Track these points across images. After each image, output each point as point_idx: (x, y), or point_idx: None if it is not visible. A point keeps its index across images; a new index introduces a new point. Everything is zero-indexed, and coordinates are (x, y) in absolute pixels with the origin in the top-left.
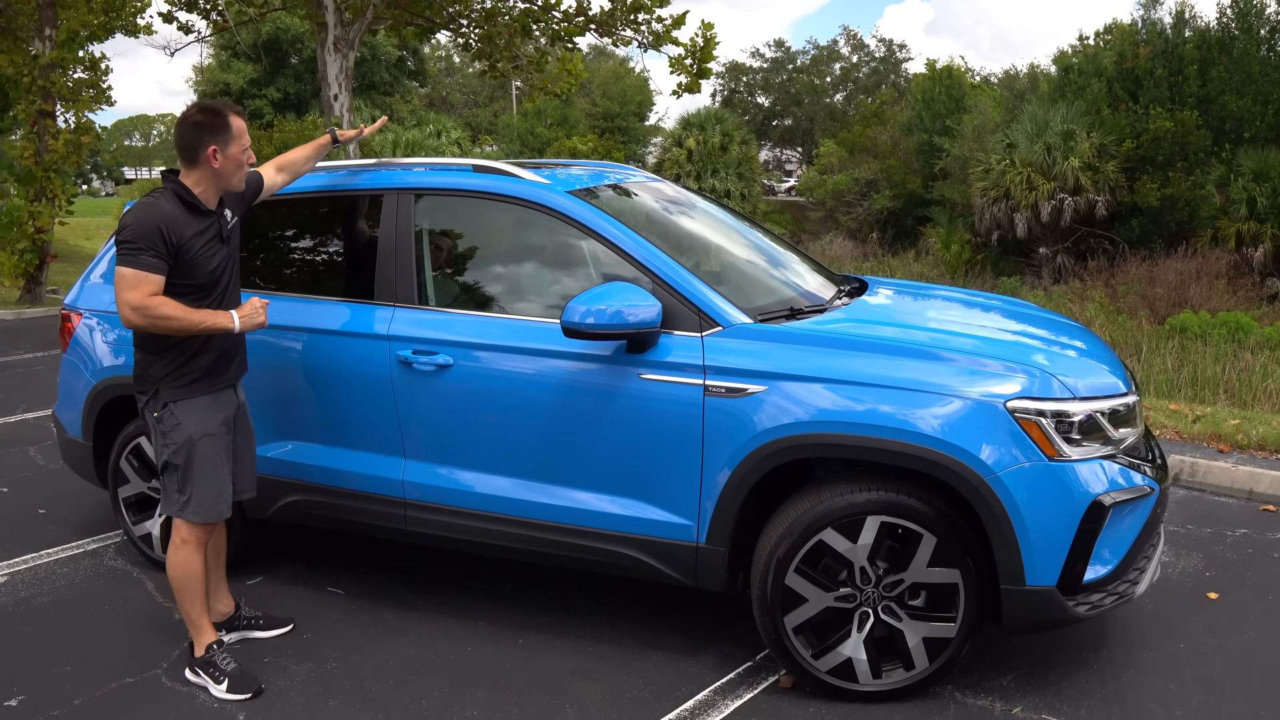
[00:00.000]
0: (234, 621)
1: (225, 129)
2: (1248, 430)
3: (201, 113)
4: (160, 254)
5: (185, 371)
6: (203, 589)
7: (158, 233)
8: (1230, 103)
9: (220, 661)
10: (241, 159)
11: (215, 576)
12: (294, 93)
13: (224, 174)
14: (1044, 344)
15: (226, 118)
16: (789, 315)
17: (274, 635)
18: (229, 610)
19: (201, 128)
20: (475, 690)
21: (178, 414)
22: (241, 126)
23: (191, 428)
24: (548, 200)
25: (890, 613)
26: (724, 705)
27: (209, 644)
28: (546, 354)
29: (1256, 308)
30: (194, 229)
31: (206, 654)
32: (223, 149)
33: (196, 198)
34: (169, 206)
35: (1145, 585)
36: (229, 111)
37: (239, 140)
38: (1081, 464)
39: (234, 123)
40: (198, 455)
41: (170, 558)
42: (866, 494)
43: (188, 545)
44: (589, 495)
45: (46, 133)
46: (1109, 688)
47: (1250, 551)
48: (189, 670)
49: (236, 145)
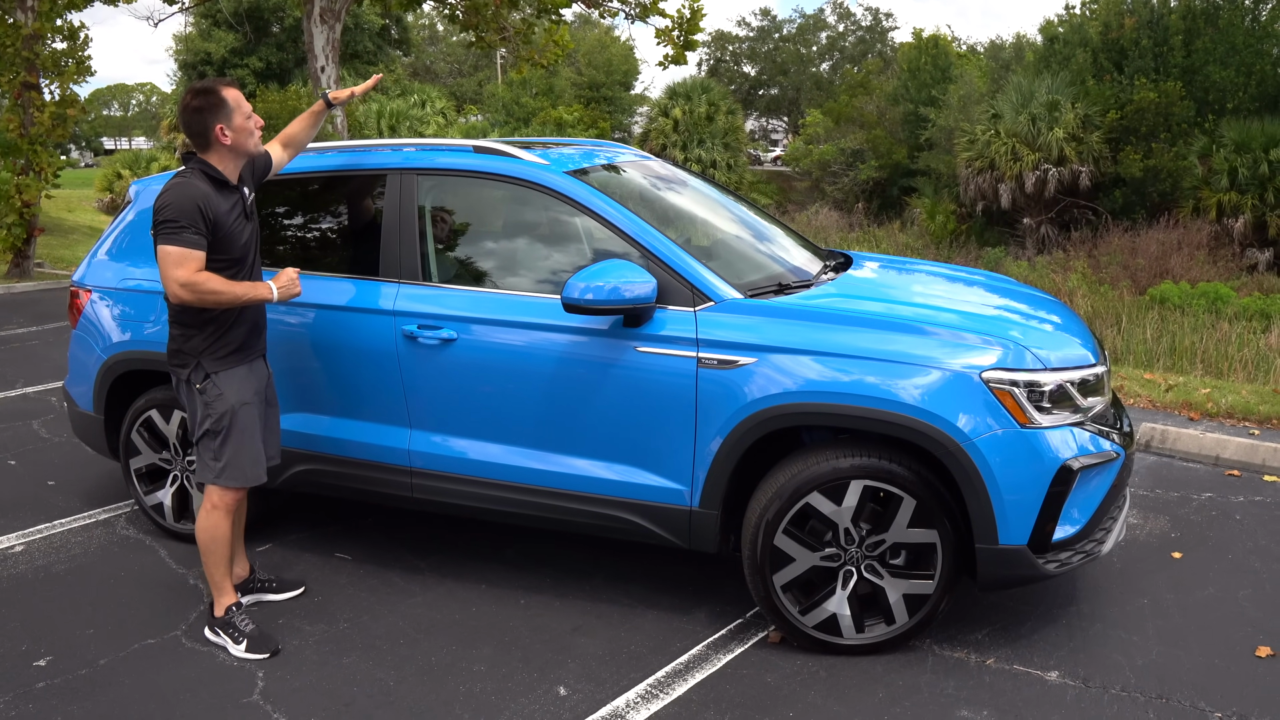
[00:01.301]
0: (249, 584)
1: (222, 105)
2: (1217, 399)
3: (197, 97)
4: (201, 231)
5: (224, 344)
6: (228, 553)
7: (197, 210)
8: (1214, 73)
9: (239, 622)
10: (249, 126)
11: (235, 542)
12: (276, 62)
13: (239, 146)
14: (1020, 318)
15: (220, 94)
16: (777, 290)
17: (286, 598)
18: (244, 574)
19: (202, 111)
20: (482, 647)
21: (220, 384)
22: (237, 96)
23: (233, 397)
24: (546, 180)
25: (872, 571)
26: (717, 659)
27: (229, 605)
28: (547, 328)
29: (1236, 278)
30: (225, 205)
31: (226, 615)
32: (228, 124)
33: (223, 174)
34: (202, 185)
35: (1111, 544)
36: (221, 87)
37: (239, 110)
38: (1051, 431)
39: (229, 95)
40: (238, 422)
41: (200, 521)
42: (850, 459)
43: (218, 510)
44: (588, 462)
45: (31, 105)
46: (1076, 640)
47: (1214, 514)
48: (209, 630)
49: (239, 115)
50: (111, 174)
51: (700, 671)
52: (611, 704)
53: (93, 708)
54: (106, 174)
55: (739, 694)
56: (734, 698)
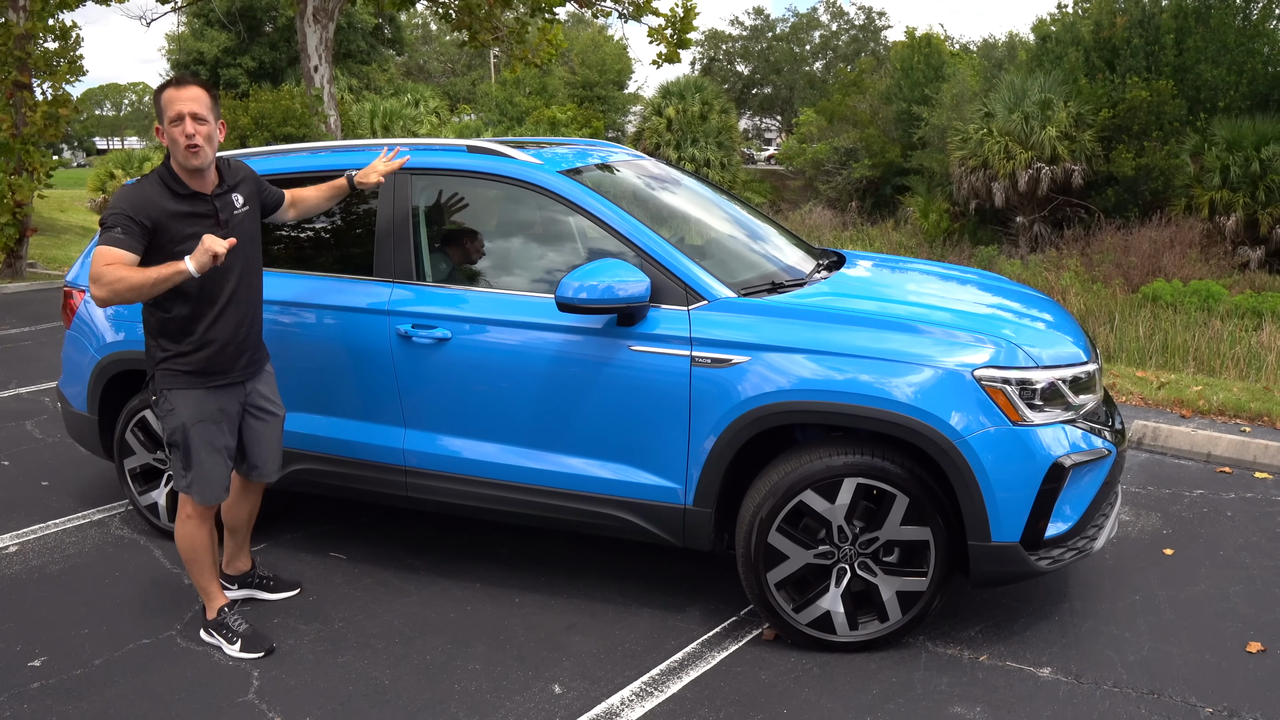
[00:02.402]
0: (247, 579)
1: (157, 103)
2: (1209, 396)
3: (155, 92)
4: (132, 232)
5: (181, 363)
6: (210, 558)
7: (130, 210)
8: (1206, 72)
9: (232, 623)
10: (174, 133)
11: (241, 536)
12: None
13: (174, 152)
14: (1012, 316)
15: (159, 92)
16: (771, 289)
17: (280, 598)
18: (245, 568)
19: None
20: (477, 645)
21: (171, 400)
22: (171, 96)
23: (184, 415)
24: (540, 180)
25: (866, 568)
26: (711, 657)
27: (220, 607)
28: (541, 327)
29: (1228, 276)
30: (174, 209)
31: (219, 616)
32: (162, 124)
33: (177, 178)
34: (149, 187)
35: (1103, 541)
36: (168, 86)
37: (166, 110)
38: (1044, 428)
39: (164, 95)
40: (191, 441)
41: (178, 530)
42: (844, 457)
43: (193, 520)
44: (582, 461)
45: (23, 105)
46: (1069, 636)
47: (1205, 511)
48: (203, 631)
49: (165, 119)
50: (104, 174)
51: (694, 669)
52: (606, 702)
53: (88, 708)
54: (99, 174)
55: (733, 691)
56: (728, 695)
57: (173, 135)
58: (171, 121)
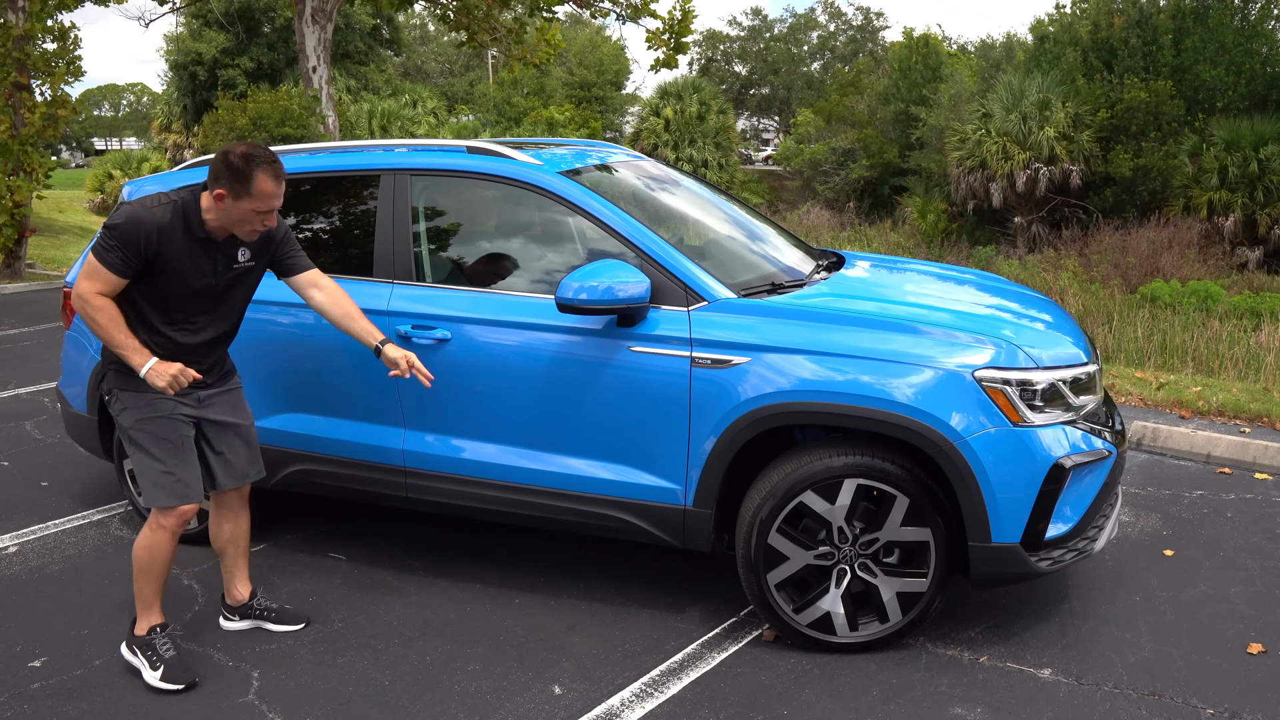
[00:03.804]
0: (248, 610)
1: (246, 182)
2: (1208, 397)
3: (240, 157)
4: (130, 261)
5: (129, 368)
6: (162, 574)
7: (137, 240)
8: (1204, 72)
9: (159, 645)
10: (249, 218)
11: (231, 559)
12: (267, 62)
13: (225, 220)
14: (1012, 317)
15: (253, 179)
16: (771, 290)
17: (286, 630)
18: (244, 597)
19: (229, 168)
20: (477, 646)
21: (123, 400)
22: (268, 190)
23: (139, 411)
24: (539, 180)
25: (866, 569)
26: (711, 658)
27: (153, 625)
28: (540, 328)
29: (1226, 276)
30: (183, 247)
31: (148, 635)
32: (233, 199)
33: (203, 224)
34: (167, 218)
35: (1103, 542)
36: (261, 172)
37: (254, 201)
38: (1044, 429)
39: (260, 180)
40: (150, 435)
41: (140, 539)
42: (844, 458)
43: (162, 531)
44: (582, 462)
45: (22, 106)
46: (1069, 637)
47: (1205, 512)
48: (125, 647)
49: (249, 204)
50: (102, 174)
51: (694, 670)
52: (606, 703)
53: (88, 708)
54: (97, 174)
55: (733, 692)
56: (728, 696)
57: (245, 215)
58: (256, 209)
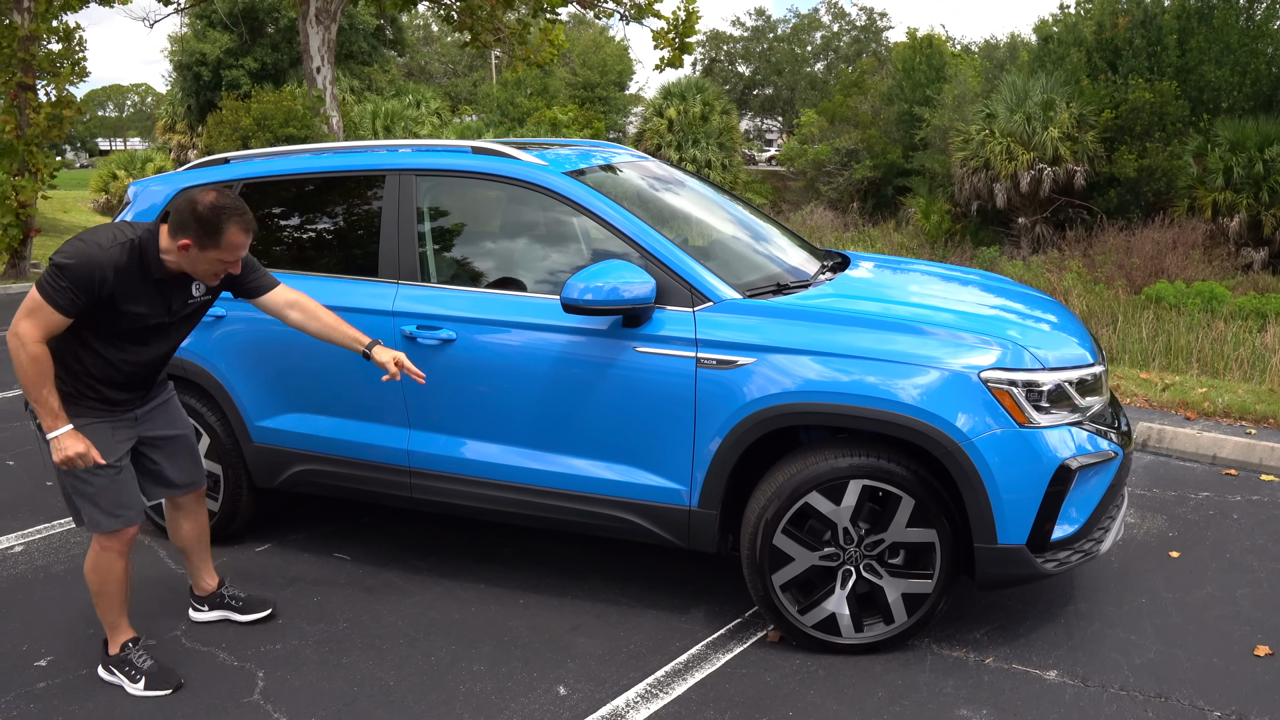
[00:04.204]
0: (217, 599)
1: (216, 235)
2: (1214, 398)
3: (210, 209)
4: (79, 302)
5: (61, 385)
6: (121, 592)
7: (91, 281)
8: (1209, 73)
9: (136, 659)
10: (213, 266)
11: (198, 556)
12: (271, 63)
13: (187, 266)
14: (1017, 318)
15: (226, 230)
16: (776, 290)
17: (251, 619)
18: (212, 586)
19: (197, 220)
20: (482, 647)
21: None
22: (238, 243)
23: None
24: (545, 181)
25: (871, 570)
26: (716, 658)
27: (124, 642)
28: (546, 328)
29: (1231, 277)
30: (139, 289)
31: (122, 652)
32: (199, 250)
33: (160, 264)
34: (123, 259)
35: (1109, 543)
36: (232, 224)
37: (222, 252)
38: (1050, 430)
39: (229, 239)
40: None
41: (89, 560)
42: (849, 459)
43: (109, 551)
44: (587, 462)
45: (27, 106)
46: (1075, 639)
47: (1211, 513)
48: (103, 669)
49: (216, 254)
50: (107, 174)
51: (699, 671)
52: (611, 703)
53: (94, 708)
54: (102, 174)
55: (738, 693)
56: (733, 697)
57: (209, 263)
58: (223, 259)
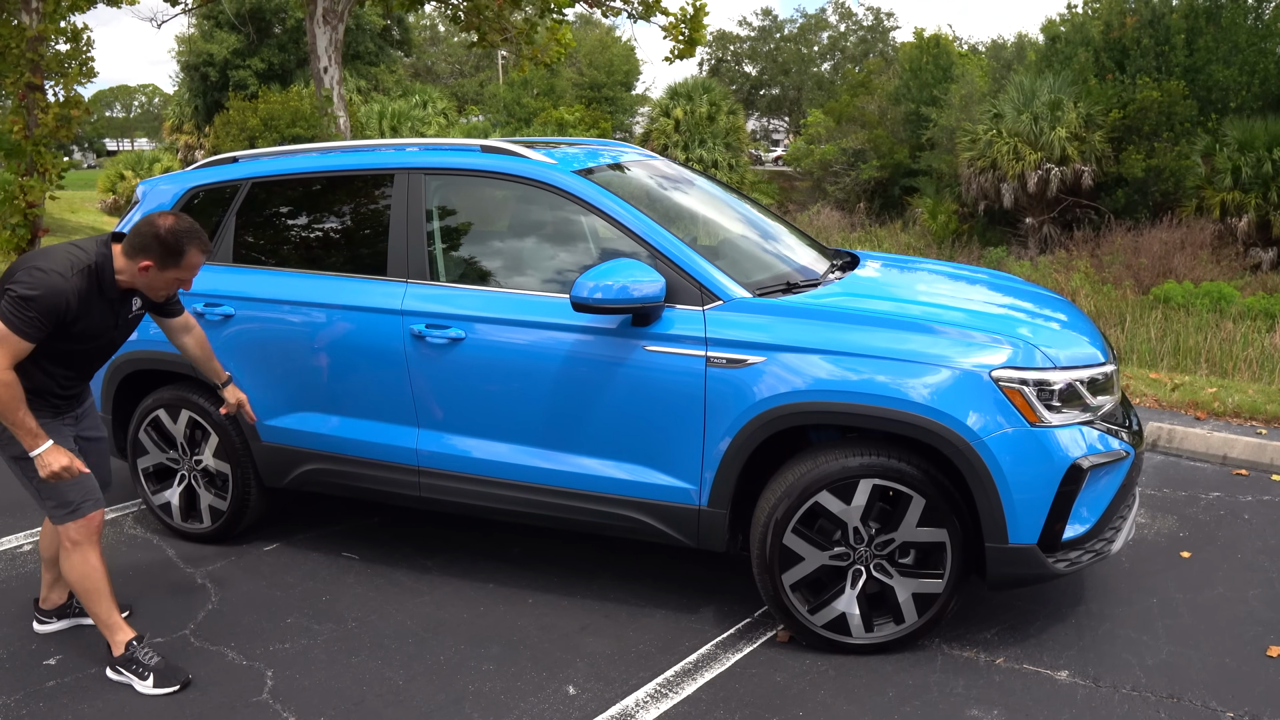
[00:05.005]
0: (65, 609)
1: (178, 257)
2: (1224, 398)
3: (170, 233)
4: (46, 329)
5: None
6: (107, 586)
7: (58, 311)
8: (1217, 72)
9: (143, 657)
10: (170, 284)
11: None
12: (278, 63)
13: (143, 285)
14: (1028, 316)
15: (186, 251)
16: (785, 289)
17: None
18: (61, 599)
19: (160, 243)
20: (490, 646)
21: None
22: (198, 263)
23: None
24: (554, 180)
25: (881, 570)
26: (725, 658)
27: (127, 641)
28: (555, 327)
29: (1239, 277)
30: (95, 308)
31: (127, 651)
32: (159, 270)
33: (115, 285)
34: (84, 285)
35: (1120, 543)
36: (192, 246)
37: (181, 271)
38: (1061, 429)
39: (190, 260)
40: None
41: (64, 563)
42: (860, 458)
43: (79, 546)
44: (596, 461)
45: (35, 106)
46: (1086, 639)
47: (1222, 513)
48: (110, 670)
49: (175, 274)
50: (114, 175)
51: (709, 671)
52: (621, 703)
53: (102, 707)
54: (109, 175)
55: (748, 693)
56: (743, 697)
57: (167, 282)
58: (180, 278)
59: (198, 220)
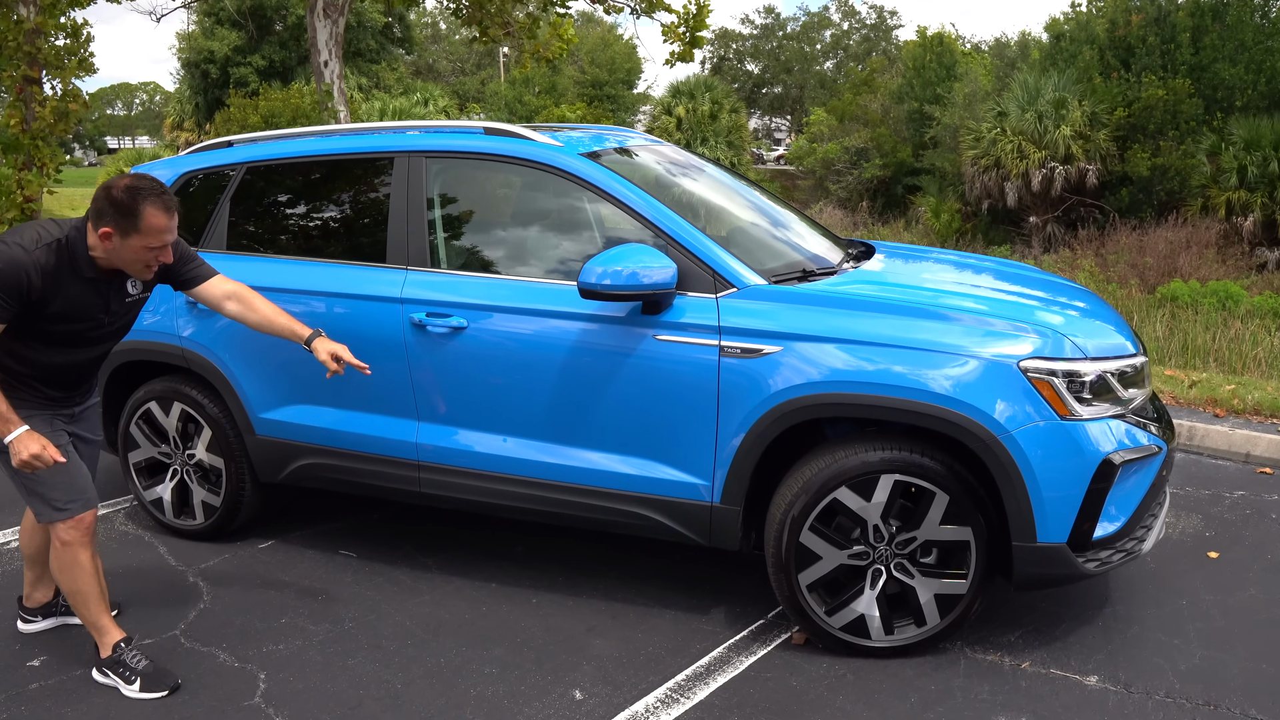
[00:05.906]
0: (50, 609)
1: (134, 218)
2: (1243, 395)
3: (125, 191)
4: (10, 307)
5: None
6: (98, 589)
7: (19, 285)
8: (1223, 71)
9: (130, 660)
10: (142, 255)
11: (42, 566)
12: (279, 60)
13: (115, 259)
14: (1054, 305)
15: (142, 211)
16: (801, 277)
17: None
18: (46, 598)
19: (113, 204)
20: (493, 648)
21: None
22: (159, 225)
23: None
24: (561, 163)
25: (902, 570)
26: (738, 661)
27: (115, 643)
28: (561, 315)
29: (1246, 276)
30: (70, 290)
31: (114, 653)
32: (121, 237)
33: (91, 263)
34: (51, 261)
35: (1151, 543)
36: (148, 205)
37: (144, 238)
38: (1092, 423)
39: (148, 215)
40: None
41: (54, 563)
42: (880, 453)
43: (69, 547)
44: (603, 456)
45: (33, 100)
46: (1114, 643)
47: (1248, 513)
48: (96, 672)
49: (139, 240)
50: (115, 172)
51: (722, 674)
52: (630, 709)
53: (87, 710)
54: (110, 172)
55: (763, 698)
56: (758, 702)
57: (136, 253)
58: (148, 246)
59: (192, 207)
